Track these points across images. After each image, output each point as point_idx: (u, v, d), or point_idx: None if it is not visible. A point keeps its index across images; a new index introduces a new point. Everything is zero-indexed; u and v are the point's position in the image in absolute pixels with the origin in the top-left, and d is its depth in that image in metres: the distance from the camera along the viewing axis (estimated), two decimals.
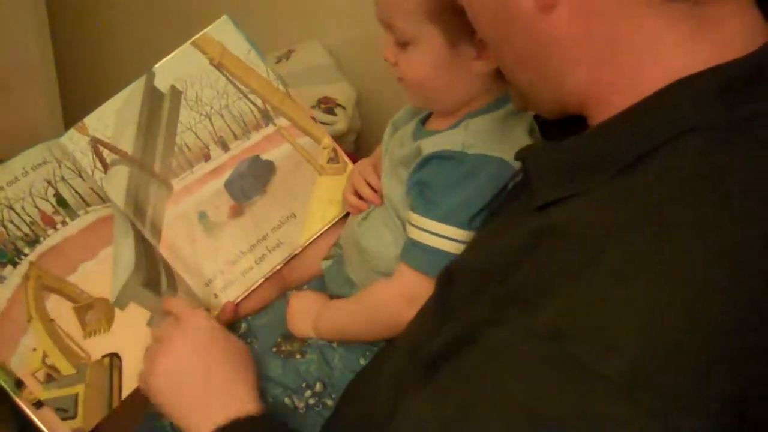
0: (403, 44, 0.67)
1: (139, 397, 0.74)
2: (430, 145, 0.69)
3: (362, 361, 0.75)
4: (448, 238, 0.66)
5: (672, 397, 0.35)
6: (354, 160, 0.89)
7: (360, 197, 0.80)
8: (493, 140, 0.67)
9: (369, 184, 0.79)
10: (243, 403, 0.64)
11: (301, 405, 0.74)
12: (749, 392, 0.36)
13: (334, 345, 0.76)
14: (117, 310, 0.76)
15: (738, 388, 0.36)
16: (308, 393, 0.75)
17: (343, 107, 1.20)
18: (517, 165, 0.65)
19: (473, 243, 0.62)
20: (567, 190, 0.46)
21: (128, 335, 0.76)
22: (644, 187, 0.41)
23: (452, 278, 0.52)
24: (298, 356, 0.76)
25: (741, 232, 0.38)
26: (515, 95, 0.57)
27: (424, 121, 0.76)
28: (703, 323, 0.36)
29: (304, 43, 1.35)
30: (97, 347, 0.74)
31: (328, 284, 0.82)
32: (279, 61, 1.31)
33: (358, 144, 1.26)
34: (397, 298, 0.69)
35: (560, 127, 0.54)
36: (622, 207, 0.41)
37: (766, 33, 0.46)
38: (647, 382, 0.35)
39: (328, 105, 1.19)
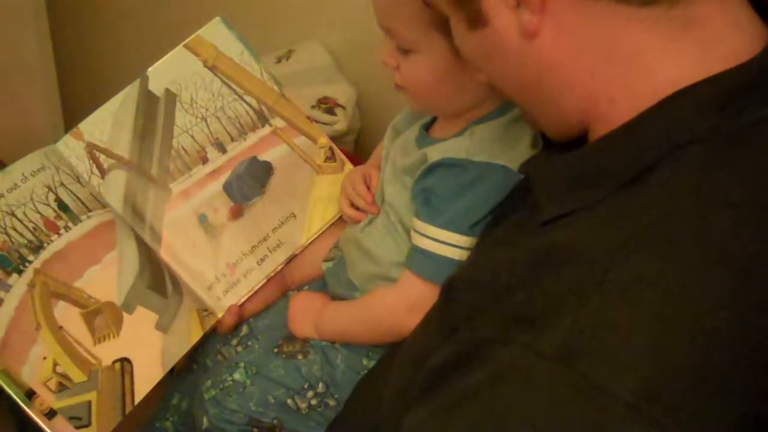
0: (404, 51, 0.66)
1: (143, 398, 0.75)
2: (435, 153, 0.68)
3: (365, 362, 0.76)
4: (451, 245, 0.67)
5: (685, 414, 0.35)
6: (353, 160, 0.89)
7: (357, 208, 0.80)
8: (497, 148, 0.67)
9: (362, 194, 0.79)
10: None
11: (303, 406, 0.75)
12: (765, 405, 0.37)
13: (337, 345, 0.77)
14: (125, 314, 0.77)
15: (752, 401, 0.37)
16: (310, 393, 0.75)
17: (343, 107, 1.20)
18: None
19: (474, 254, 0.62)
20: (569, 206, 0.46)
21: (137, 339, 0.76)
22: (647, 203, 0.42)
23: (454, 291, 0.52)
24: (300, 357, 0.77)
25: (745, 244, 0.39)
26: (524, 116, 0.57)
27: (427, 127, 0.75)
28: (711, 339, 0.37)
29: (304, 43, 1.35)
30: (107, 352, 0.74)
31: (330, 286, 0.83)
32: (279, 61, 1.31)
33: (358, 144, 1.26)
34: (400, 305, 0.69)
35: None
36: (625, 224, 0.41)
37: (762, 30, 0.46)
38: (659, 400, 0.35)
39: (328, 105, 1.19)
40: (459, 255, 0.67)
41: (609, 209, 0.44)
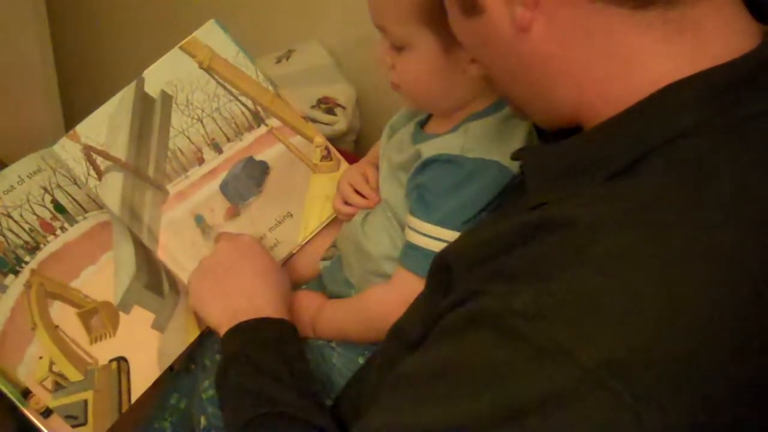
0: (398, 48, 0.67)
1: (141, 398, 0.76)
2: (429, 149, 0.69)
3: (361, 361, 0.75)
4: (445, 241, 0.67)
5: (646, 390, 0.36)
6: (353, 160, 0.89)
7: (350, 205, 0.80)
8: (492, 144, 0.67)
9: (359, 191, 0.79)
10: (259, 307, 0.70)
11: None
12: (734, 394, 0.37)
13: (333, 344, 0.77)
14: (121, 314, 0.77)
15: (719, 388, 0.37)
16: None
17: (343, 107, 1.20)
18: (515, 167, 0.66)
19: (466, 234, 0.63)
20: (560, 192, 0.47)
21: (134, 338, 0.77)
22: (637, 189, 0.42)
23: (445, 265, 0.54)
24: None
25: (730, 233, 0.39)
26: (511, 105, 0.58)
27: (422, 124, 0.76)
28: (685, 320, 0.37)
29: (304, 43, 1.35)
30: (103, 352, 0.75)
31: (327, 285, 0.83)
32: (279, 61, 1.31)
33: (358, 144, 1.26)
34: (396, 302, 0.68)
35: (557, 131, 0.54)
36: (614, 205, 0.42)
37: (756, 31, 0.47)
38: (622, 373, 0.36)
39: (328, 105, 1.19)
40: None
41: (600, 194, 0.44)
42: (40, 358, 0.72)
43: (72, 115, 1.31)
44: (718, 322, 0.37)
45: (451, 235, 0.67)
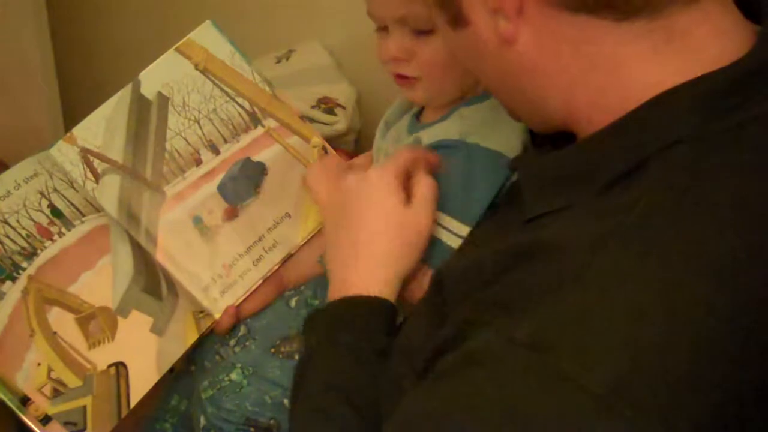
0: (424, 33, 0.66)
1: (142, 400, 0.76)
2: (429, 136, 0.69)
3: None
4: (444, 227, 0.67)
5: (655, 411, 0.35)
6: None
7: None
8: (487, 129, 0.67)
9: None
10: (348, 283, 0.62)
11: None
12: (740, 403, 0.37)
13: None
14: (119, 319, 0.77)
15: (726, 401, 0.37)
16: None
17: (343, 107, 1.21)
18: (513, 154, 0.66)
19: (463, 246, 0.63)
20: (556, 204, 0.47)
21: (132, 343, 0.77)
22: (631, 201, 0.42)
23: (443, 283, 0.53)
24: (296, 357, 0.77)
25: (727, 243, 0.39)
26: (508, 111, 0.58)
27: (417, 117, 0.76)
28: (687, 337, 0.37)
29: (304, 43, 1.36)
30: (102, 357, 0.75)
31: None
32: (279, 61, 1.32)
33: (358, 144, 1.27)
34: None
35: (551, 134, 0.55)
36: (608, 221, 0.41)
37: (749, 33, 0.46)
38: (630, 396, 0.35)
39: (328, 105, 1.19)
40: (452, 240, 0.67)
41: (595, 207, 0.44)
42: (39, 364, 0.72)
43: (72, 115, 1.31)
44: (719, 333, 0.37)
45: (449, 222, 0.67)
